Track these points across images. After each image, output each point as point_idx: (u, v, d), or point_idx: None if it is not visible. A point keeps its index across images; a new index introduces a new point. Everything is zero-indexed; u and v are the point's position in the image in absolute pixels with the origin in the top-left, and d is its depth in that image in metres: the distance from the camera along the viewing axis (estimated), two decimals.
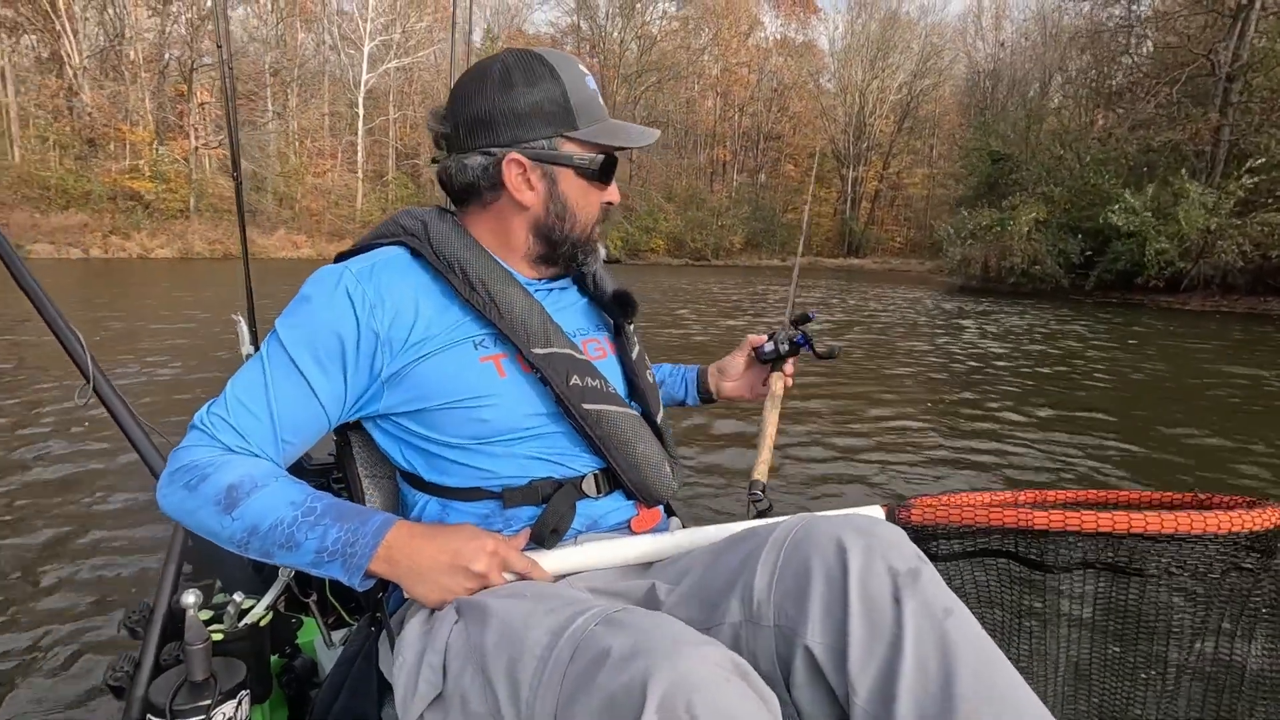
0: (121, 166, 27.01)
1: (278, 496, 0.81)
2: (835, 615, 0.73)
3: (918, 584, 0.72)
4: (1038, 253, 18.55)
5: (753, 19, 49.02)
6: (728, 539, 0.88)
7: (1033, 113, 24.84)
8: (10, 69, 26.20)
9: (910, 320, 12.13)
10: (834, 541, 0.76)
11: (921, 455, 4.13)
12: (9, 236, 1.08)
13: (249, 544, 0.80)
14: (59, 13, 26.85)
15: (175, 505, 0.83)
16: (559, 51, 0.95)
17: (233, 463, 0.83)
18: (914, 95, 45.30)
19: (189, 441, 0.85)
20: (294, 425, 0.87)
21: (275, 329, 0.89)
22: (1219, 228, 15.17)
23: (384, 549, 0.79)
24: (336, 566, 0.79)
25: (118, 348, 6.71)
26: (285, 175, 30.71)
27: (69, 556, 2.52)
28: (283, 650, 1.21)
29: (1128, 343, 9.80)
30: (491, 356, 0.91)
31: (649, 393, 1.05)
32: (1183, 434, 4.82)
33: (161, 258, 24.04)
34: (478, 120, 0.92)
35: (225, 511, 0.79)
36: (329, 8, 35.60)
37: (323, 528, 0.79)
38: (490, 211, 0.96)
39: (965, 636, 0.70)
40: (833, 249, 44.71)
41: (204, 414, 0.86)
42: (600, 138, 0.94)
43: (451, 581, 0.81)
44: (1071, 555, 0.94)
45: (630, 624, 0.66)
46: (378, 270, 0.90)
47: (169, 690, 0.88)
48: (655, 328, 9.78)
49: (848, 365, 7.15)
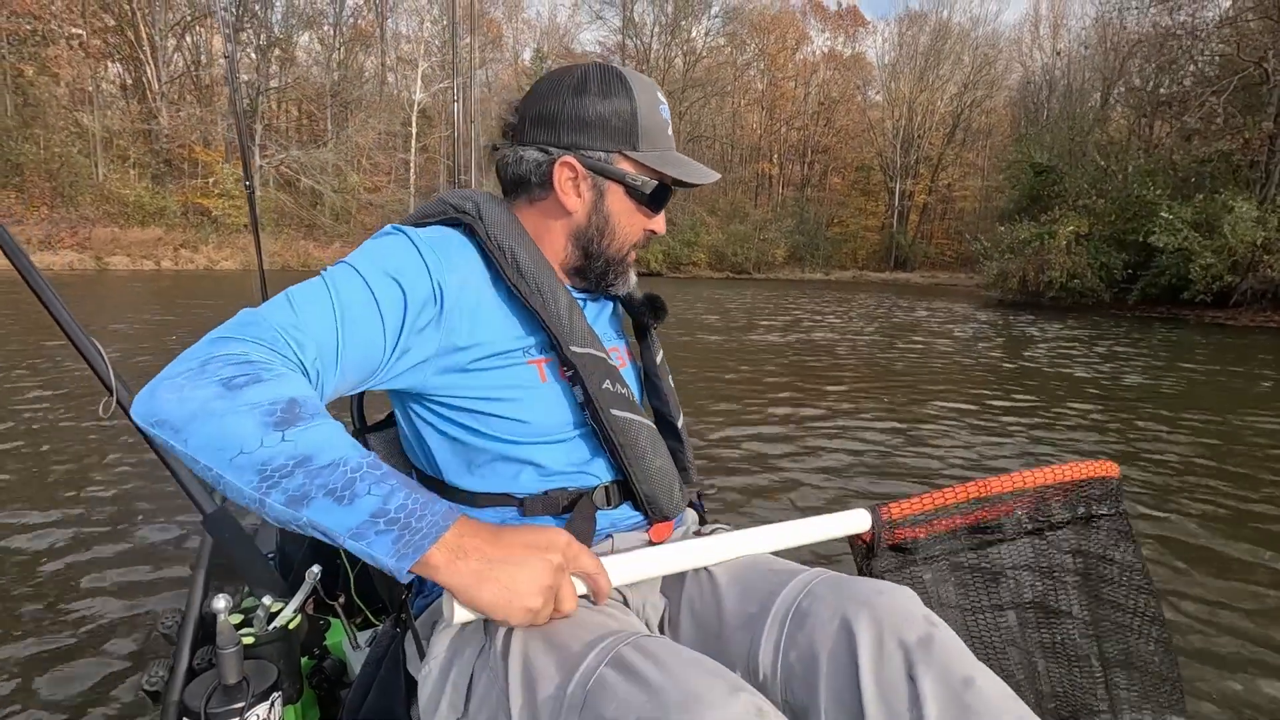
0: (195, 184, 28.88)
1: (345, 435, 0.67)
2: (848, 703, 0.71)
3: (931, 653, 0.70)
4: (1077, 267, 18.15)
5: (800, 33, 49.09)
6: (733, 586, 0.90)
7: (1077, 123, 24.28)
8: (97, 94, 28.39)
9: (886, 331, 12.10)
10: (838, 620, 0.75)
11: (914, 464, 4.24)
12: (92, 250, 1.26)
13: (286, 477, 0.61)
14: (142, 42, 29.01)
15: (193, 403, 0.63)
16: (642, 75, 0.95)
17: (295, 378, 0.68)
18: (964, 107, 44.55)
19: (240, 333, 0.70)
20: (355, 354, 0.77)
21: (345, 261, 0.82)
22: (1265, 242, 14.62)
23: (453, 534, 0.64)
24: (387, 540, 0.61)
25: (157, 358, 7.20)
26: (341, 192, 32.21)
27: (100, 566, 2.59)
28: (311, 652, 1.21)
29: (1171, 360, 9.61)
30: (536, 360, 0.90)
31: (670, 397, 1.05)
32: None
33: (226, 269, 25.51)
34: (543, 117, 0.92)
35: (277, 425, 0.62)
36: (387, 32, 37.35)
37: (389, 486, 0.64)
38: (536, 209, 0.96)
39: (990, 708, 0.67)
40: (879, 263, 44.10)
41: (262, 313, 0.73)
42: (659, 165, 0.93)
43: (530, 580, 0.68)
44: (1020, 516, 1.10)
45: (642, 673, 0.65)
46: (446, 241, 0.88)
47: (203, 694, 0.89)
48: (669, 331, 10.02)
49: (844, 372, 7.30)
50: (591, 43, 46.67)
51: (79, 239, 23.29)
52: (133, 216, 26.01)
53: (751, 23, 45.98)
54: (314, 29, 35.57)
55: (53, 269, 20.80)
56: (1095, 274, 18.13)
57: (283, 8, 33.94)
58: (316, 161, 31.78)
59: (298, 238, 29.84)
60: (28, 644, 2.09)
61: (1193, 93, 18.57)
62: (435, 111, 36.36)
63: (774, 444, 4.52)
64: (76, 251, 22.90)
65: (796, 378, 7.13)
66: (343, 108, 34.80)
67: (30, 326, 8.50)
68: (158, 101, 29.67)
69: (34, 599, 2.36)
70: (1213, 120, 17.48)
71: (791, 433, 4.83)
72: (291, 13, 34.14)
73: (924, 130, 45.00)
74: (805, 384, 6.75)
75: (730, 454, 4.28)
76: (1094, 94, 30.25)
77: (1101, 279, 18.17)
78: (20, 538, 2.81)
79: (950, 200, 46.45)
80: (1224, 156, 17.31)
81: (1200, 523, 3.27)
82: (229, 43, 2.55)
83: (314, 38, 35.74)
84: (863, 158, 47.09)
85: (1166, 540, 3.06)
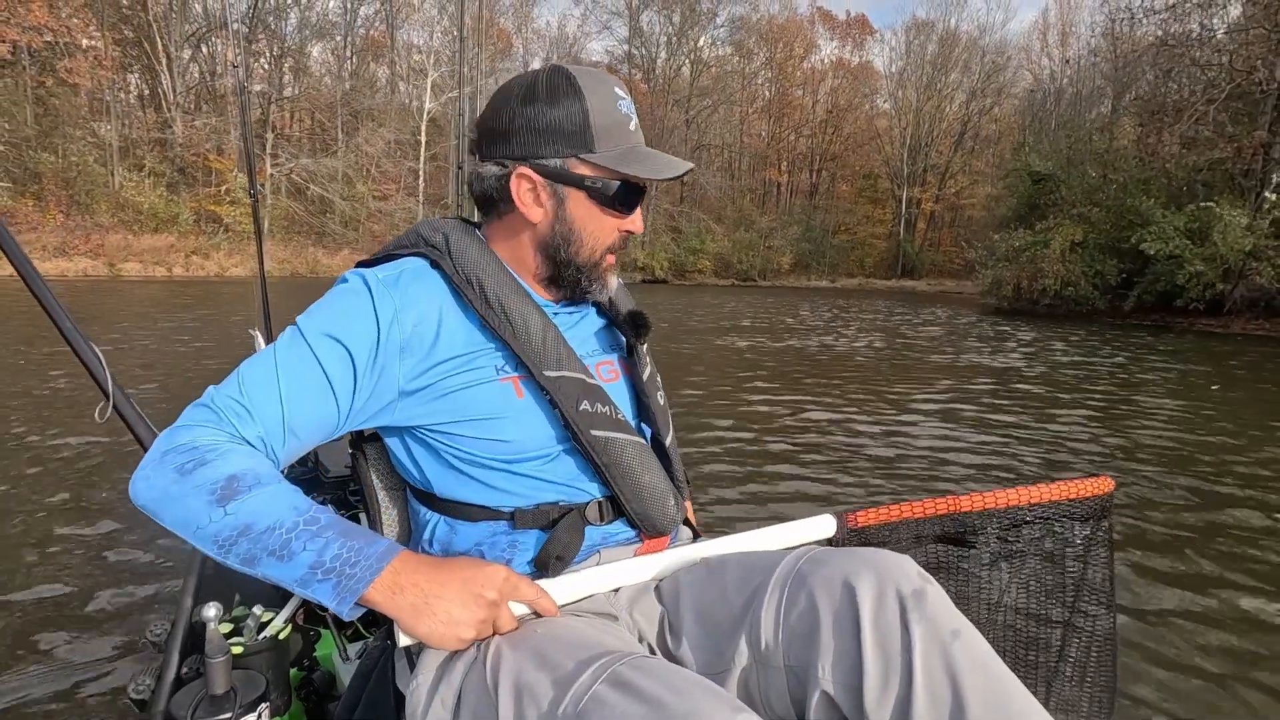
0: (208, 191, 29.49)
1: (281, 498, 0.75)
2: (849, 654, 0.75)
3: (924, 604, 0.74)
4: (1071, 274, 18.19)
5: (808, 42, 49.29)
6: (734, 565, 0.91)
7: (1076, 132, 24.28)
8: (115, 104, 29.16)
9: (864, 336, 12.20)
10: (841, 579, 0.78)
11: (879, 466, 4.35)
12: (105, 257, 1.27)
13: (234, 545, 0.72)
14: (158, 53, 29.77)
15: (157, 490, 0.74)
16: (598, 71, 0.93)
17: (238, 452, 0.76)
18: (971, 115, 44.50)
19: (191, 419, 0.79)
20: (305, 421, 0.82)
21: (295, 325, 0.85)
22: (1255, 249, 14.62)
23: (389, 573, 0.72)
24: (328, 587, 0.71)
25: (154, 366, 7.20)
26: (351, 200, 32.76)
27: (91, 572, 2.58)
28: (301, 664, 1.20)
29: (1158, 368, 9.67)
30: (510, 377, 0.90)
31: (659, 415, 1.04)
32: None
33: (235, 276, 26.01)
34: (497, 130, 0.91)
35: (219, 503, 0.72)
36: (398, 41, 38.01)
37: (324, 540, 0.72)
38: (504, 224, 0.96)
39: (973, 660, 0.72)
40: (886, 271, 44.07)
41: (212, 395, 0.80)
42: (618, 164, 0.90)
43: (462, 612, 0.75)
44: (989, 533, 1.13)
45: (641, 690, 0.65)
46: (404, 279, 0.88)
47: (190, 704, 0.87)
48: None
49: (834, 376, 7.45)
50: (600, 52, 47.18)
51: (92, 245, 23.85)
52: (146, 224, 26.57)
53: (759, 32, 46.25)
54: (326, 39, 36.29)
55: (66, 276, 21.36)
56: (1089, 282, 18.17)
57: (296, 19, 34.72)
58: (326, 170, 32.38)
59: (307, 244, 30.38)
60: (13, 648, 2.09)
61: (1187, 101, 18.57)
62: (446, 120, 36.86)
63: (744, 451, 4.61)
64: (90, 258, 23.40)
65: (762, 379, 7.32)
66: (353, 116, 35.41)
67: (27, 331, 8.78)
68: (172, 111, 30.40)
69: (21, 603, 2.36)
70: (1204, 128, 17.46)
71: (760, 438, 4.97)
72: (304, 24, 34.90)
73: (931, 138, 44.98)
74: (763, 384, 6.93)
75: (703, 460, 4.35)
76: (1102, 102, 30.15)
77: (1096, 287, 18.21)
78: (9, 541, 2.82)
79: (959, 208, 46.34)
80: (1217, 164, 17.30)
81: (1166, 532, 3.30)
82: (239, 54, 2.73)
83: (326, 49, 36.47)
84: (870, 165, 47.13)
85: (1128, 546, 3.10)
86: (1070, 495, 1.12)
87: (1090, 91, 32.11)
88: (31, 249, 20.86)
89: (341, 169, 33.13)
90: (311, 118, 36.33)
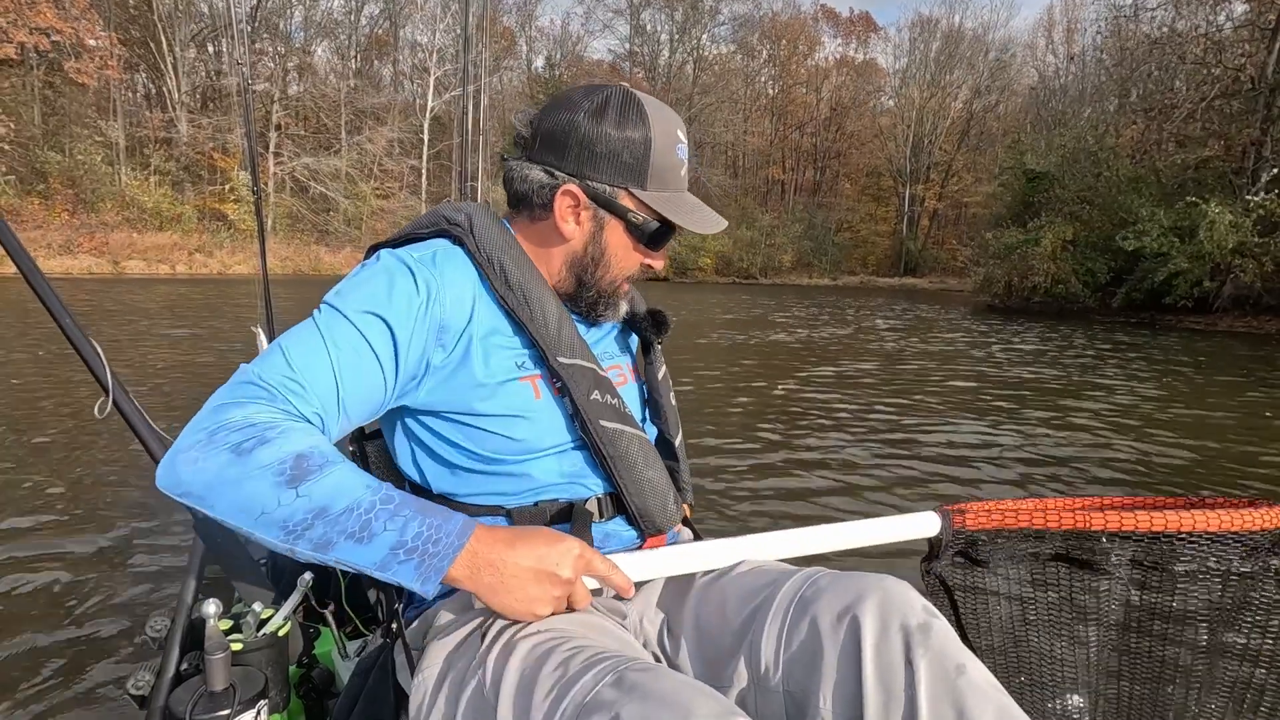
0: (213, 190, 29.82)
1: (354, 475, 0.71)
2: (849, 684, 0.74)
3: (929, 639, 0.73)
4: (1061, 272, 18.23)
5: (812, 39, 49.20)
6: (735, 580, 0.91)
7: (1072, 129, 24.18)
8: (121, 103, 29.54)
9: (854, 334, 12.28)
10: (843, 607, 0.78)
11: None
12: (110, 255, 1.32)
13: (308, 530, 0.67)
14: (164, 53, 30.13)
15: (209, 474, 0.68)
16: (665, 107, 0.92)
17: (300, 429, 0.72)
18: (973, 113, 44.33)
19: (240, 396, 0.73)
20: (357, 397, 0.80)
21: (329, 304, 0.83)
22: (1239, 246, 14.64)
23: (468, 552, 0.71)
24: (410, 568, 0.68)
25: (152, 362, 7.15)
26: (353, 198, 33.03)
27: (90, 568, 2.57)
28: (300, 660, 1.19)
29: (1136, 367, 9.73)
30: (529, 377, 0.90)
31: (669, 415, 1.04)
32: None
33: (238, 274, 26.29)
34: (554, 137, 0.90)
35: (289, 484, 0.67)
36: (402, 40, 38.27)
37: (403, 518, 0.70)
38: (535, 228, 0.95)
39: (980, 695, 0.70)
40: (888, 269, 43.98)
41: (257, 371, 0.75)
42: (664, 208, 0.91)
43: (539, 590, 0.74)
44: (1121, 556, 0.97)
45: (639, 690, 0.65)
46: (439, 259, 0.88)
47: (189, 700, 0.87)
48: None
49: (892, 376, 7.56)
50: (603, 50, 47.24)
51: (96, 243, 24.20)
52: (150, 222, 26.88)
53: (763, 29, 46.23)
54: (330, 38, 36.57)
55: (71, 273, 21.71)
56: (1079, 279, 18.20)
57: (300, 18, 35.03)
58: (329, 168, 32.67)
59: (310, 242, 30.66)
60: (11, 645, 2.09)
61: (1180, 99, 18.54)
62: (449, 119, 37.07)
63: (741, 450, 4.63)
64: (94, 256, 23.71)
65: (736, 375, 7.46)
66: (356, 115, 35.68)
67: (24, 329, 8.96)
68: (178, 110, 30.76)
69: (20, 599, 2.37)
70: (1196, 126, 17.44)
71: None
72: (308, 23, 35.21)
73: (935, 135, 44.84)
74: (745, 380, 7.07)
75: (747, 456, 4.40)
76: (1108, 99, 30.00)
77: (1086, 284, 18.24)
78: (9, 538, 2.82)
79: (963, 206, 46.18)
80: (1205, 163, 17.29)
81: None
82: (243, 53, 2.82)
83: (330, 48, 36.75)
84: (874, 163, 47.04)
85: None
86: (1250, 525, 0.90)
87: (1094, 89, 31.97)
88: (36, 247, 21.28)
89: (344, 167, 33.41)
90: (315, 116, 36.65)
